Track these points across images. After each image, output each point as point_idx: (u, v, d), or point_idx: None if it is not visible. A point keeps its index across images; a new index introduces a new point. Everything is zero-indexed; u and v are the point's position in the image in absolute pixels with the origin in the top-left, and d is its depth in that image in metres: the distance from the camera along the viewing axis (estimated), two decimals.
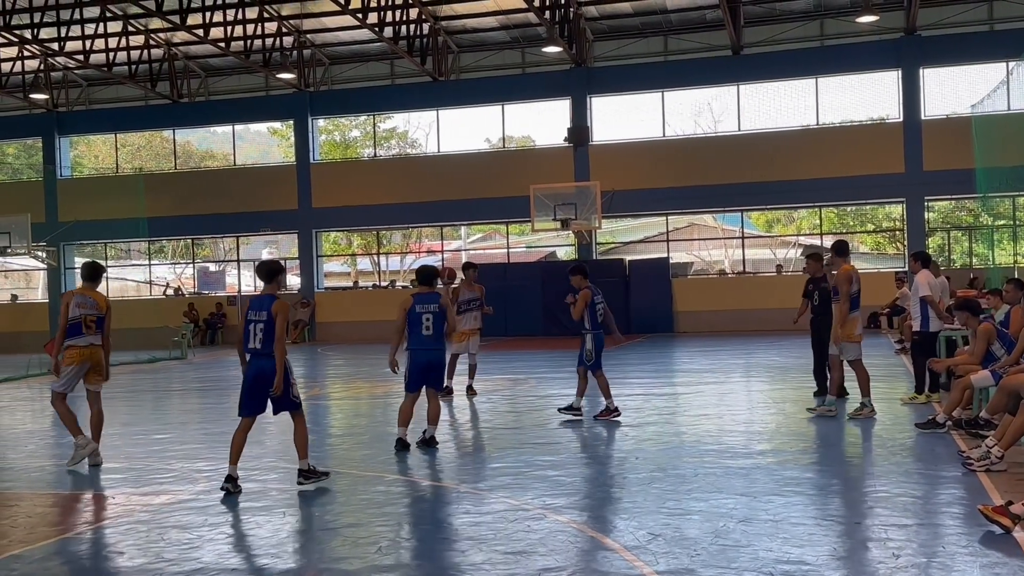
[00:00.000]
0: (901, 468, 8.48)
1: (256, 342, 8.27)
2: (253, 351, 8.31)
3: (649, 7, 29.63)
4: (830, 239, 35.27)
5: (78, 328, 9.67)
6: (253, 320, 8.33)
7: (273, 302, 8.33)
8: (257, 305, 8.40)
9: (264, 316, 8.28)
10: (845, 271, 11.18)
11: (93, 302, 9.77)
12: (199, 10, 27.25)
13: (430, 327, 9.93)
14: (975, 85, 28.12)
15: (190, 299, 34.86)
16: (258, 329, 8.26)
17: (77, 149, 39.09)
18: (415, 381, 10.05)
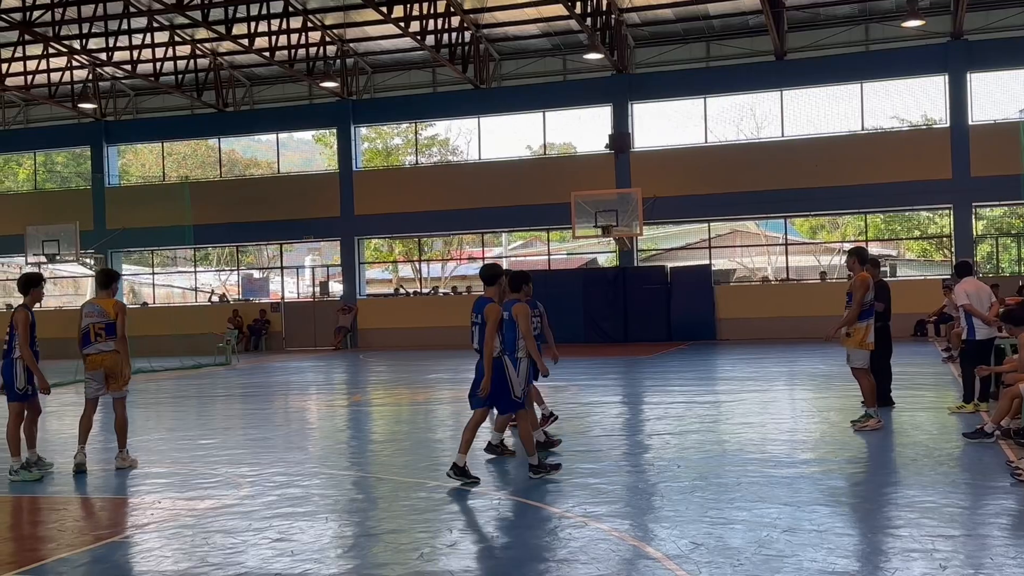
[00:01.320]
0: (948, 478, 8.35)
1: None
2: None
3: (691, 13, 29.53)
4: (875, 246, 34.98)
5: (87, 337, 9.91)
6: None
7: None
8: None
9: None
10: (862, 278, 11.03)
11: (101, 310, 9.94)
12: (244, 20, 27.61)
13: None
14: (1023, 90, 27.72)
15: (234, 306, 35.25)
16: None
17: (124, 157, 39.72)
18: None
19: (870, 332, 11.13)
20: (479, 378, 8.65)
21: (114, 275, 10.48)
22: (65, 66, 32.63)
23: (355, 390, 19.50)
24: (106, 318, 9.91)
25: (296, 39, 29.87)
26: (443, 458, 10.32)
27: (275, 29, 28.78)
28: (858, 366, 11.24)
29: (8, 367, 9.61)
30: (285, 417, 15.15)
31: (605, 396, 15.96)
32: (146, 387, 21.21)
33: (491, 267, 9.15)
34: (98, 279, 10.41)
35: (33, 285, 9.81)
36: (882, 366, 12.89)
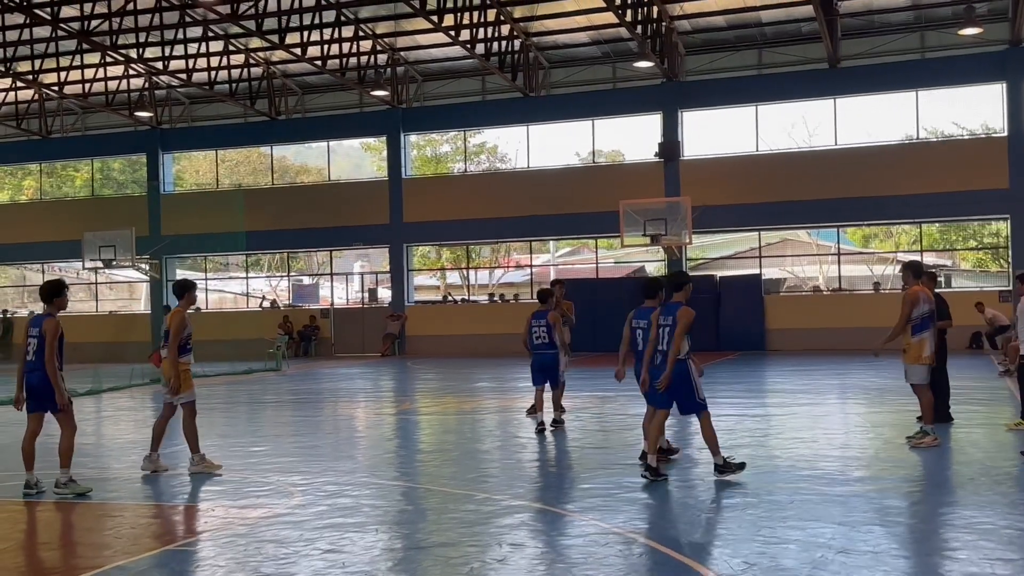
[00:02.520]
0: (1007, 498, 8.18)
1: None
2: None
3: (743, 20, 29.32)
4: (930, 256, 34.42)
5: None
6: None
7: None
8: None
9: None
10: (911, 292, 10.92)
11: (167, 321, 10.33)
12: (297, 29, 27.92)
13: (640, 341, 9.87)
14: None
15: (285, 311, 35.60)
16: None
17: (179, 164, 40.35)
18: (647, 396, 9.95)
19: (926, 346, 10.94)
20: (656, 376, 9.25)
21: (186, 285, 10.51)
22: (122, 75, 33.23)
23: (403, 398, 19.59)
24: (165, 327, 10.24)
25: (348, 48, 30.14)
26: (490, 469, 10.35)
27: (327, 38, 29.06)
28: (916, 382, 11.05)
29: (46, 379, 9.12)
30: (334, 425, 15.26)
31: None
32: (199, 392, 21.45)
33: (680, 275, 9.89)
34: (173, 290, 10.62)
35: (56, 294, 9.38)
36: (939, 381, 12.68)
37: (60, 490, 9.16)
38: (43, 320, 9.21)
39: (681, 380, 9.17)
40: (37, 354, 9.15)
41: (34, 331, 9.21)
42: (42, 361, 9.10)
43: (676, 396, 9.31)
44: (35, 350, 9.17)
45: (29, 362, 9.23)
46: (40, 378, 9.14)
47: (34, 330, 9.21)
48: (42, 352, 9.10)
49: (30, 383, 9.23)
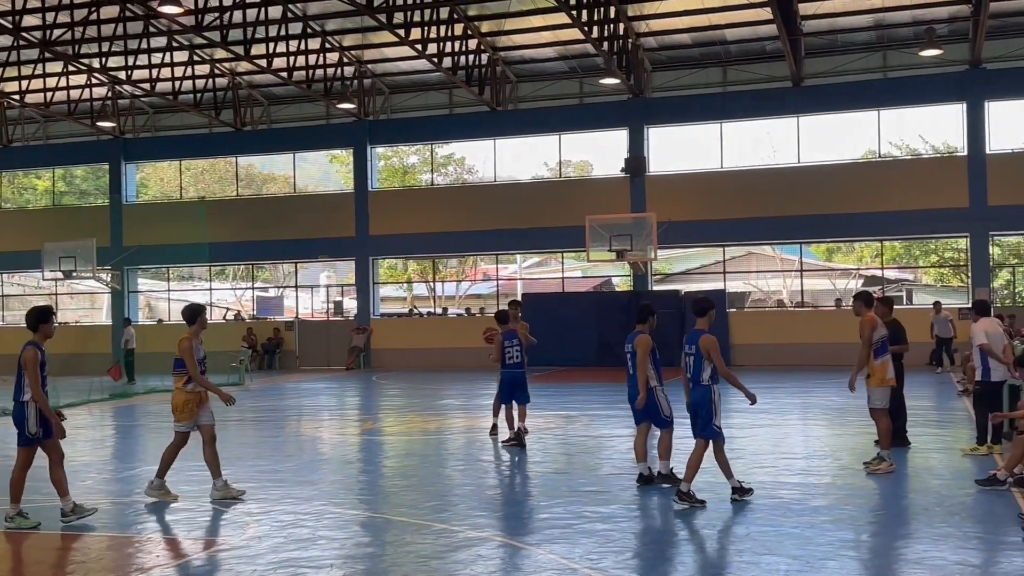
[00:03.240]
0: (960, 530, 8.25)
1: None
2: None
3: (708, 38, 29.54)
4: (892, 271, 34.82)
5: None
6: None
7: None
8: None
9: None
10: (869, 318, 11.07)
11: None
12: (263, 41, 27.77)
13: (631, 367, 10.42)
14: None
15: (249, 324, 35.33)
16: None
17: (143, 172, 39.97)
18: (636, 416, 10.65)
19: (888, 369, 11.08)
20: (695, 406, 9.53)
21: (196, 310, 10.32)
22: (84, 84, 32.88)
23: (367, 416, 19.49)
24: (175, 355, 10.13)
25: (314, 60, 30.04)
26: (451, 497, 10.30)
27: (293, 50, 28.94)
28: (878, 406, 11.14)
29: (19, 410, 8.90)
30: (296, 446, 15.13)
31: (616, 428, 15.86)
32: (160, 409, 21.23)
33: (704, 301, 9.92)
34: (183, 314, 10.45)
35: (43, 320, 9.10)
36: (896, 405, 12.80)
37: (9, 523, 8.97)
38: (24, 349, 8.94)
39: (703, 405, 9.47)
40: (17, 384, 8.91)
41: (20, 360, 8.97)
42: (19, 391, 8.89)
43: (695, 420, 9.58)
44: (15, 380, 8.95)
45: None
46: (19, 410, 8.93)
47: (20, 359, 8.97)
48: (21, 382, 8.87)
49: (15, 415, 8.99)
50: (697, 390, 9.51)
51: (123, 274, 35.79)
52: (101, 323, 38.02)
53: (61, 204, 39.43)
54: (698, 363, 9.46)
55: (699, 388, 9.49)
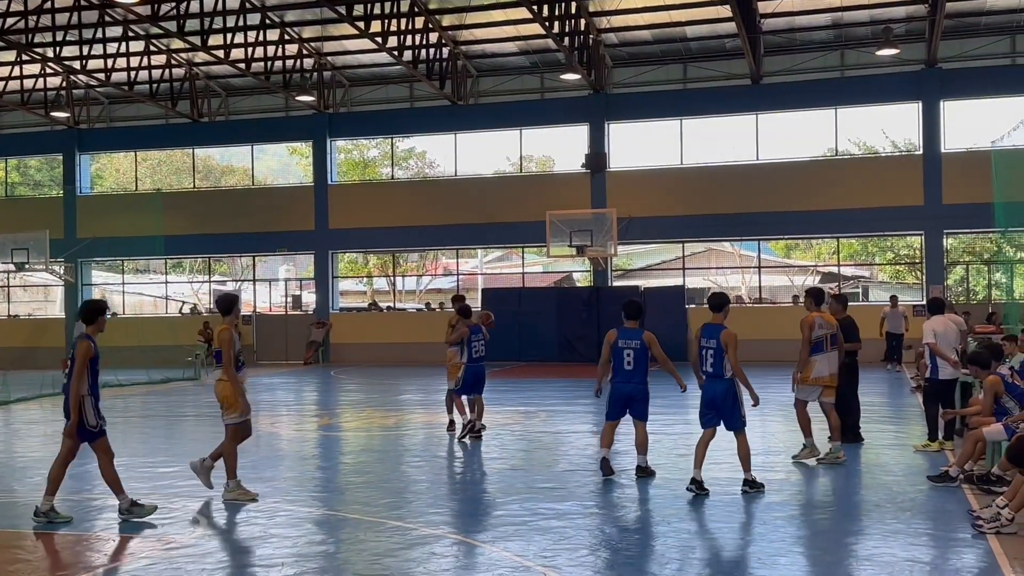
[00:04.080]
0: (910, 527, 8.34)
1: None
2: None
3: (669, 35, 29.63)
4: (849, 268, 35.19)
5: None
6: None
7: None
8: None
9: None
10: (808, 317, 11.49)
11: (216, 337, 9.85)
12: (220, 31, 27.43)
13: (631, 362, 10.32)
14: (996, 119, 27.98)
15: (205, 318, 34.95)
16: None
17: (98, 163, 39.37)
18: (615, 411, 10.58)
19: (814, 368, 11.43)
20: (717, 400, 9.70)
21: (232, 299, 9.86)
22: (38, 73, 32.31)
23: (324, 411, 19.35)
24: (215, 346, 9.79)
25: (273, 51, 29.73)
26: (406, 494, 10.23)
27: (252, 41, 28.62)
28: (802, 398, 11.67)
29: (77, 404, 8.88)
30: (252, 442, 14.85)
31: (575, 424, 15.90)
32: (113, 404, 20.94)
33: (721, 295, 10.37)
34: (218, 305, 10.04)
35: (100, 313, 9.19)
36: (849, 401, 12.94)
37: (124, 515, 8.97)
38: (77, 341, 8.97)
39: (728, 397, 9.70)
40: (68, 375, 8.93)
41: (71, 352, 9.01)
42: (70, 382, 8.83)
43: (722, 413, 9.76)
44: (66, 371, 8.97)
45: (64, 385, 9.00)
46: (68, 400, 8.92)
47: (72, 351, 9.00)
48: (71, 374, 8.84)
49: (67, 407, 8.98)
50: (720, 383, 9.67)
51: (77, 267, 35.27)
52: (54, 316, 37.43)
53: (14, 195, 38.75)
54: (719, 356, 9.62)
55: (722, 382, 9.67)
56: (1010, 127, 26.77)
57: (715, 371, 9.70)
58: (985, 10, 27.53)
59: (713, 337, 9.72)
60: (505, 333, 28.65)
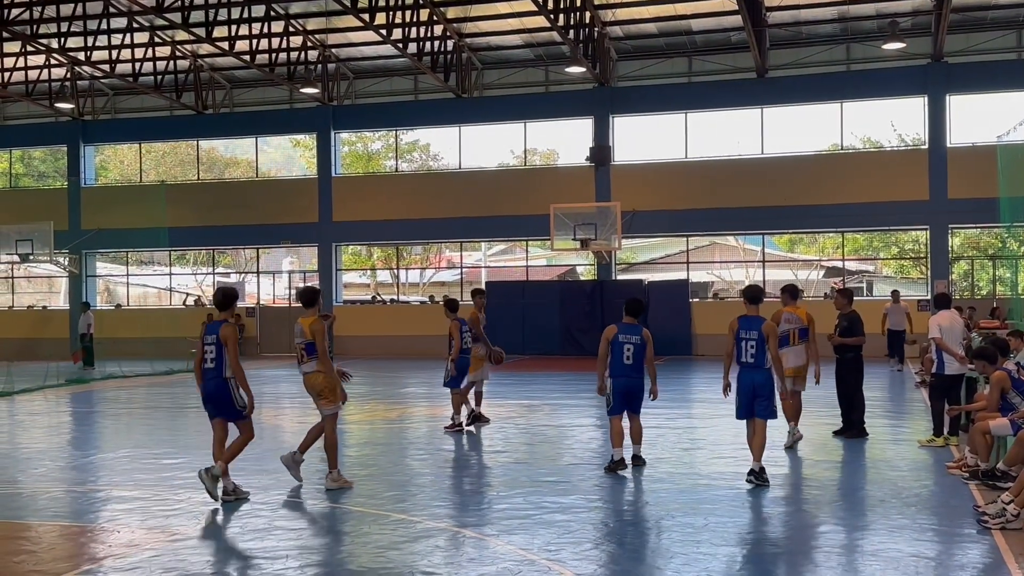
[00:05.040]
0: (915, 523, 8.32)
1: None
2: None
3: (674, 28, 29.56)
4: (853, 263, 35.13)
5: (299, 358, 9.94)
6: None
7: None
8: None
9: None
10: (776, 313, 12.01)
11: (301, 330, 9.81)
12: (225, 23, 27.40)
13: (631, 356, 10.43)
14: (1002, 113, 27.88)
15: (209, 310, 34.92)
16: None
17: (103, 154, 39.37)
18: (618, 406, 10.63)
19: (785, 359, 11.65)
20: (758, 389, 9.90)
21: (316, 292, 10.04)
22: (43, 64, 32.30)
23: None
24: (305, 338, 9.81)
25: (277, 43, 29.67)
26: (410, 487, 10.23)
27: (256, 33, 28.57)
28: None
29: (223, 386, 9.27)
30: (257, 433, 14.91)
31: (578, 418, 15.89)
32: (117, 395, 21.01)
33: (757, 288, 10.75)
34: (300, 297, 10.07)
35: (236, 298, 9.70)
36: (854, 396, 12.94)
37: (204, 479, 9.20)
38: (220, 327, 9.26)
39: (768, 386, 9.97)
40: (216, 362, 9.22)
41: (209, 338, 9.26)
42: (219, 368, 9.20)
43: (760, 402, 9.93)
44: (213, 357, 9.23)
45: (207, 370, 9.30)
46: (216, 385, 9.27)
47: (210, 337, 9.25)
48: (222, 360, 9.18)
49: (206, 390, 9.37)
50: (761, 373, 9.91)
51: (81, 258, 35.28)
52: (59, 307, 37.46)
53: (18, 186, 38.77)
54: (761, 347, 9.90)
55: (763, 372, 9.93)
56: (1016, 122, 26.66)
57: (756, 361, 9.93)
58: (992, 4, 27.43)
59: (754, 328, 9.98)
60: (509, 326, 28.73)
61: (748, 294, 10.45)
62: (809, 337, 12.13)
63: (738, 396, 10.03)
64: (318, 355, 9.75)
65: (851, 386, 12.90)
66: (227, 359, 9.17)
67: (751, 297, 10.39)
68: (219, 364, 9.21)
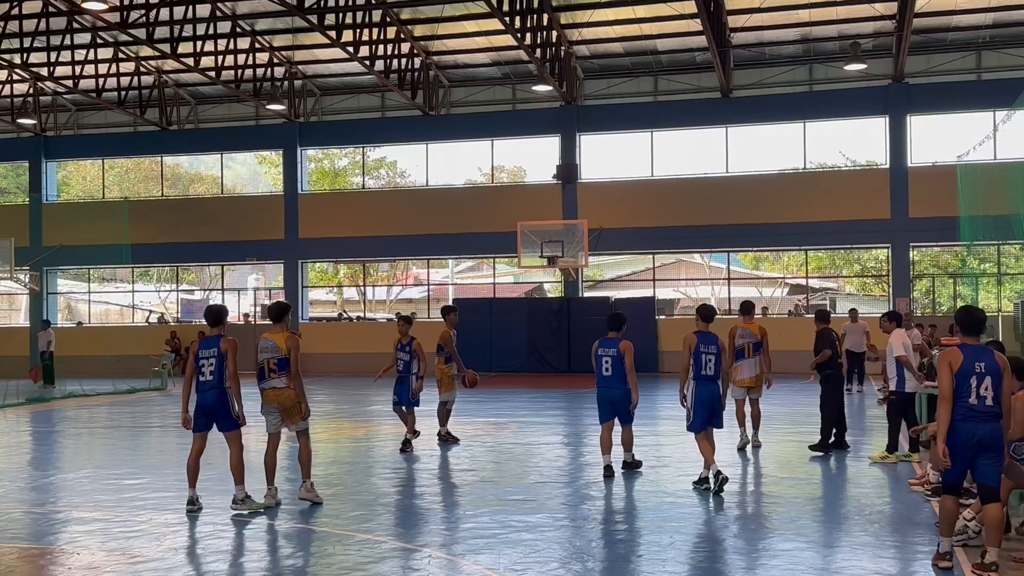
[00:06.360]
0: (878, 539, 8.39)
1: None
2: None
3: (640, 48, 29.80)
4: (816, 280, 35.45)
5: (262, 372, 9.88)
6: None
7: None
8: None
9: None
10: (732, 328, 13.31)
11: (273, 344, 9.85)
12: (190, 39, 27.26)
13: (609, 368, 11.20)
14: (962, 133, 28.33)
15: (172, 327, 34.62)
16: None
17: (65, 170, 38.96)
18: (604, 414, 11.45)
19: (738, 372, 13.13)
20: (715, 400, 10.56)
21: (286, 308, 10.17)
22: (5, 80, 31.96)
23: None
24: (278, 353, 9.80)
25: (243, 60, 29.58)
26: (375, 506, 10.17)
27: (222, 49, 28.44)
28: (736, 398, 13.21)
29: (222, 396, 9.50)
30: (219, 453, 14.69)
31: (545, 436, 15.89)
32: (78, 414, 20.72)
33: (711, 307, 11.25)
34: (270, 312, 10.24)
35: (226, 316, 10.00)
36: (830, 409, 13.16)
37: (237, 507, 9.53)
38: (219, 340, 9.52)
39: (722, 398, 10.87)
40: (216, 374, 9.42)
41: (207, 352, 9.49)
42: (220, 380, 9.43)
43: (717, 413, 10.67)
44: (212, 370, 9.44)
45: (203, 383, 9.50)
46: (216, 396, 9.47)
47: (208, 351, 9.49)
48: (219, 372, 9.39)
49: (204, 402, 9.52)
50: (718, 386, 10.62)
51: (42, 275, 34.85)
52: (19, 325, 36.93)
53: None
54: (719, 360, 10.59)
55: (718, 384, 10.65)
56: (976, 142, 27.06)
57: (716, 374, 10.60)
58: (951, 26, 27.92)
59: (713, 343, 10.60)
60: (476, 343, 28.66)
61: (703, 313, 10.98)
62: (763, 350, 13.21)
63: (697, 408, 10.46)
64: (291, 371, 9.73)
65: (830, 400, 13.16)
66: (227, 370, 9.38)
67: (705, 315, 10.95)
68: (219, 376, 9.46)
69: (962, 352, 7.18)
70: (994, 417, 7.07)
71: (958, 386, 7.07)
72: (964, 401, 7.05)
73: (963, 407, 7.05)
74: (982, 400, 7.04)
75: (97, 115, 35.27)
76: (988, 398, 7.04)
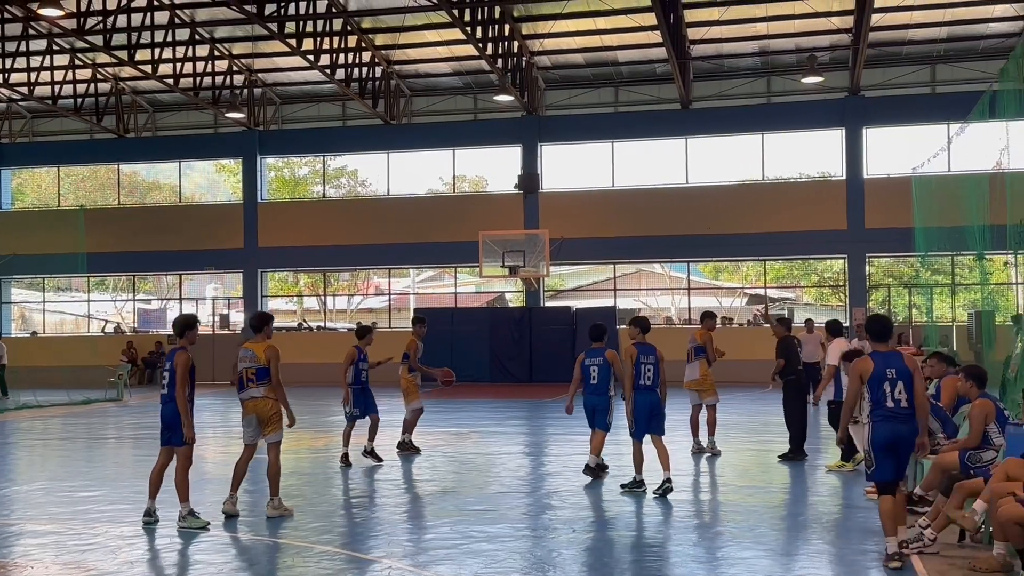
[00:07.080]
0: (835, 547, 8.47)
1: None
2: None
3: (600, 59, 29.99)
4: (774, 290, 35.83)
5: (241, 382, 9.83)
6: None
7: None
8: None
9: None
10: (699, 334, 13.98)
11: (253, 354, 9.77)
12: (148, 46, 27.02)
13: (596, 377, 11.51)
14: (917, 146, 28.75)
15: (129, 337, 34.19)
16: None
17: (20, 178, 38.39)
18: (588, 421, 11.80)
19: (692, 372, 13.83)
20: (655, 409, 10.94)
21: (267, 318, 10.14)
22: None
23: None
24: (256, 363, 9.73)
25: (202, 67, 29.35)
26: (335, 517, 10.10)
27: (180, 57, 28.21)
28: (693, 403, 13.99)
29: (176, 410, 9.34)
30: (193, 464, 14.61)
31: (506, 445, 15.89)
32: (32, 425, 20.37)
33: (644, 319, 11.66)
34: (251, 323, 10.17)
35: (189, 327, 9.67)
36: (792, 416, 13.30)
37: (182, 524, 9.34)
38: (175, 353, 9.35)
39: (661, 406, 11.16)
40: (169, 387, 9.33)
41: (168, 364, 9.38)
42: (173, 394, 9.27)
43: (656, 421, 11.05)
44: (167, 383, 9.34)
45: (163, 395, 9.46)
46: (172, 410, 9.36)
47: (168, 364, 9.37)
48: (173, 385, 9.26)
49: (162, 415, 9.51)
50: (656, 395, 10.98)
51: None
52: None
53: None
54: (657, 371, 10.99)
55: (657, 393, 10.98)
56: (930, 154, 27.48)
57: (654, 384, 10.92)
58: (906, 40, 28.41)
59: (651, 354, 10.96)
60: (437, 353, 28.54)
61: (641, 324, 11.39)
62: (706, 354, 13.85)
63: (636, 416, 10.84)
64: (271, 381, 9.73)
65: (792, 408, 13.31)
66: (176, 386, 9.28)
67: (644, 327, 11.36)
68: (172, 390, 9.37)
69: (872, 360, 7.62)
70: (910, 418, 7.53)
71: (874, 392, 7.52)
72: (882, 405, 7.50)
73: (882, 410, 7.50)
74: (897, 403, 7.50)
75: (53, 122, 34.81)
76: (903, 400, 7.50)
